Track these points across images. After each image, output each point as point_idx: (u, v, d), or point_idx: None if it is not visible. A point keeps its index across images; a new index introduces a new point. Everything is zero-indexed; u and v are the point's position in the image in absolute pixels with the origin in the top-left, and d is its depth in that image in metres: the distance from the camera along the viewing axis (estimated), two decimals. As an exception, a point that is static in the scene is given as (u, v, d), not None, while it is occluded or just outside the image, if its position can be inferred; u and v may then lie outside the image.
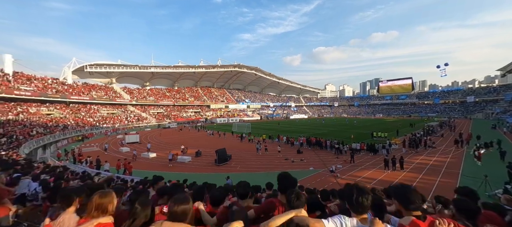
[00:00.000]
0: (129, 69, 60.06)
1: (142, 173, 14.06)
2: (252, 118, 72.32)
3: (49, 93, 38.88)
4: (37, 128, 27.88)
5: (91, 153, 21.04)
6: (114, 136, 34.75)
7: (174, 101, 65.87)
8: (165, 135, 36.64)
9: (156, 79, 70.96)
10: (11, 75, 36.64)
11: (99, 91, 51.03)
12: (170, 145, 26.05)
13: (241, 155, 20.59)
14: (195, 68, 72.05)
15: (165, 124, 51.99)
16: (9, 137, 20.93)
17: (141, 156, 20.58)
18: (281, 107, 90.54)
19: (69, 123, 35.96)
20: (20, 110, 31.94)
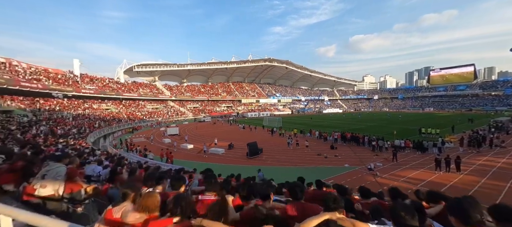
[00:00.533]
0: (169, 68, 65.49)
1: (181, 162, 15.38)
2: (283, 112, 71.60)
3: (107, 92, 45.27)
4: (99, 121, 32.88)
5: (139, 143, 23.91)
6: (157, 128, 38.71)
7: (208, 97, 69.55)
8: (200, 128, 39.14)
9: (192, 76, 75.75)
10: (78, 77, 43.79)
11: (145, 89, 57.17)
12: (205, 137, 27.74)
13: (272, 149, 20.69)
14: (227, 64, 74.34)
15: (200, 117, 55.49)
16: (79, 128, 25.26)
17: (180, 146, 22.46)
18: (313, 101, 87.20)
19: (123, 116, 41.39)
20: (86, 106, 38.10)
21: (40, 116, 24.93)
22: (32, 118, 22.86)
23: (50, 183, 2.56)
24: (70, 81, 39.56)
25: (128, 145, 23.11)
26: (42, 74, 35.48)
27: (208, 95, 70.51)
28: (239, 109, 69.09)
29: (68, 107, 33.81)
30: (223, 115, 61.27)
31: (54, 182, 2.59)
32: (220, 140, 24.04)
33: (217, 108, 67.24)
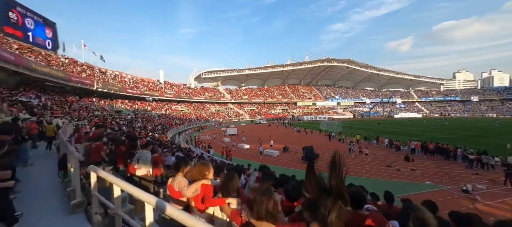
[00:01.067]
0: (230, 73, 71.63)
1: (239, 160, 16.40)
2: (343, 116, 65.57)
3: (181, 96, 53.86)
4: (176, 120, 39.45)
5: (205, 141, 27.12)
6: (219, 128, 42.93)
7: (264, 99, 71.80)
8: (256, 129, 40.75)
9: (250, 80, 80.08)
10: (163, 84, 54.01)
11: (210, 93, 64.66)
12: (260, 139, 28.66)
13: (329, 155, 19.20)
14: (283, 67, 74.66)
15: (256, 120, 57.85)
16: (162, 125, 31.15)
17: (238, 146, 24.06)
18: (382, 104, 75.65)
19: (192, 117, 48.17)
20: (167, 108, 46.52)
21: (138, 115, 32.16)
22: (133, 116, 29.76)
23: (143, 165, 3.26)
24: (157, 87, 49.37)
25: (196, 141, 26.67)
26: (140, 83, 45.78)
27: (264, 98, 72.74)
28: (294, 112, 67.99)
29: (155, 108, 42.22)
30: (278, 118, 61.74)
31: (146, 165, 3.27)
32: (275, 142, 24.29)
33: (273, 111, 68.40)
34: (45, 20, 28.81)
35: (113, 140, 5.44)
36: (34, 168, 5.23)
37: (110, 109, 28.91)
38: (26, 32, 25.79)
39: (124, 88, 37.02)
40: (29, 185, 3.96)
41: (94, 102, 27.97)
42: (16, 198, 3.17)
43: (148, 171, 3.24)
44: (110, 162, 3.99)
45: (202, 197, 2.04)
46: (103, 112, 24.67)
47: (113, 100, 34.20)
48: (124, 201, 3.12)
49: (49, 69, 21.32)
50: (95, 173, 2.31)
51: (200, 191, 2.07)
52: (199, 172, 2.17)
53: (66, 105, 20.11)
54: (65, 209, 3.00)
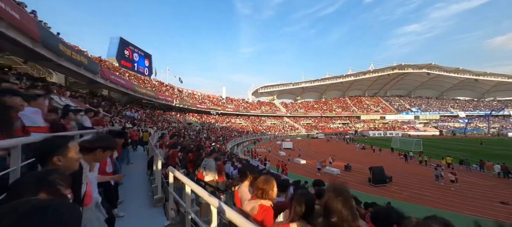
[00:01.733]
0: (285, 87, 72.18)
1: (295, 176, 15.79)
2: (424, 133, 53.63)
3: (240, 110, 57.95)
4: (235, 132, 42.48)
5: (261, 153, 27.75)
6: (274, 142, 43.14)
7: (321, 113, 67.97)
8: (313, 144, 38.56)
9: (306, 93, 78.06)
10: (224, 99, 59.91)
11: (266, 106, 66.78)
12: (318, 154, 26.87)
13: (406, 179, 15.89)
14: (343, 78, 69.30)
15: (313, 134, 55.00)
16: (223, 136, 34.15)
17: (294, 161, 23.30)
18: (485, 118, 57.63)
19: (249, 129, 50.65)
20: (228, 121, 50.92)
21: (204, 127, 36.55)
22: (200, 128, 34.03)
23: (210, 172, 3.59)
24: (220, 103, 55.15)
25: (252, 153, 27.64)
26: (206, 99, 52.42)
27: (322, 111, 68.87)
28: (357, 127, 60.85)
29: (218, 121, 46.98)
30: (338, 132, 56.64)
31: (212, 172, 3.59)
32: (335, 159, 22.21)
33: (331, 125, 63.54)
34: (145, 53, 37.85)
35: (184, 148, 6.32)
36: (133, 166, 6.66)
37: (184, 122, 34.14)
38: (133, 64, 34.53)
39: (195, 104, 43.19)
40: (128, 179, 5.05)
41: (173, 116, 33.80)
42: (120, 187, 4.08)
43: (214, 177, 3.54)
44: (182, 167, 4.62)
45: (261, 221, 1.85)
46: (178, 124, 29.38)
47: (186, 114, 40.35)
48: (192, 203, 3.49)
49: (145, 90, 27.48)
50: (172, 173, 2.70)
51: (258, 211, 1.88)
52: (262, 190, 1.94)
53: (154, 117, 25.15)
54: (149, 202, 3.63)
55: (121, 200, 3.48)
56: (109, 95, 23.39)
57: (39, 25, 10.53)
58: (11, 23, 8.59)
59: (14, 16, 8.59)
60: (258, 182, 2.02)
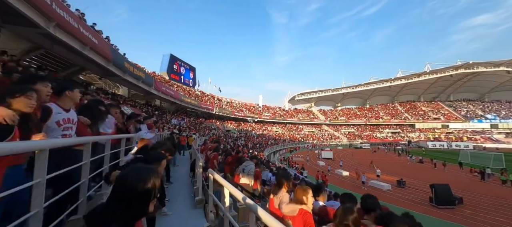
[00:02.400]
0: (323, 94, 68.86)
1: (336, 188, 14.61)
2: (508, 145, 43.02)
3: (276, 117, 57.74)
4: (271, 140, 42.37)
5: (298, 162, 26.79)
6: (312, 151, 41.15)
7: (365, 121, 62.00)
8: (357, 155, 35.22)
9: (347, 100, 72.78)
10: (261, 107, 60.76)
11: (303, 114, 64.80)
12: (362, 166, 24.37)
13: (484, 203, 12.86)
14: (391, 82, 62.20)
15: (356, 143, 50.41)
16: (260, 144, 34.43)
17: (335, 172, 21.66)
18: None
19: (286, 137, 49.78)
20: (264, 128, 51.28)
21: (241, 134, 37.62)
22: (238, 135, 35.16)
23: (247, 176, 3.59)
24: (256, 110, 56.19)
25: (289, 162, 26.92)
26: (243, 107, 54.17)
27: (366, 119, 62.82)
28: (411, 137, 53.08)
29: (254, 128, 47.77)
30: (387, 142, 50.44)
31: (249, 176, 3.59)
32: (384, 173, 19.74)
33: (378, 134, 57.14)
34: (190, 66, 41.88)
35: (223, 151, 6.56)
36: (179, 168, 7.26)
37: (223, 129, 35.90)
38: (181, 76, 38.53)
39: (233, 112, 45.09)
40: (174, 180, 5.50)
41: (213, 123, 35.98)
42: (167, 187, 4.46)
43: (250, 182, 3.53)
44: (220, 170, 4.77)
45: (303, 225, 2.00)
46: (218, 131, 31.03)
47: (225, 122, 42.39)
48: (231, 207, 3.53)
49: (190, 100, 30.16)
50: (212, 176, 2.80)
51: (298, 215, 2.04)
52: (300, 197, 2.12)
53: (197, 125, 27.23)
54: (191, 203, 3.84)
55: (167, 198, 3.79)
56: (160, 105, 26.50)
57: (111, 47, 12.82)
58: (92, 48, 10.69)
59: (94, 42, 10.68)
60: (297, 190, 2.20)
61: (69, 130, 1.90)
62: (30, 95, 1.42)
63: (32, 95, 1.43)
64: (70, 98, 2.01)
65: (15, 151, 1.05)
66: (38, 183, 1.17)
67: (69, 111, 1.96)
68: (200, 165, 3.99)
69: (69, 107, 1.99)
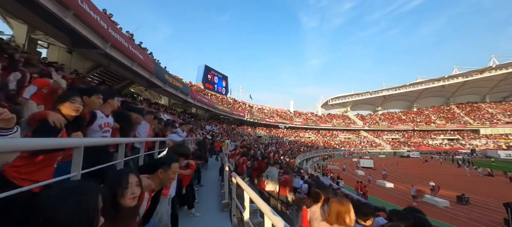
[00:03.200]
0: (361, 97, 63.84)
1: (378, 201, 13.11)
2: None
3: (309, 123, 55.73)
4: (303, 147, 40.92)
5: (333, 170, 25.11)
6: (350, 159, 38.13)
7: (413, 126, 54.84)
8: (404, 164, 31.19)
9: (389, 103, 65.95)
10: (292, 113, 59.58)
11: (338, 119, 61.04)
12: (411, 178, 21.43)
13: None
14: (444, 81, 54.04)
15: (402, 151, 44.82)
16: (291, 150, 33.56)
17: (376, 183, 19.55)
18: None
19: (319, 144, 47.44)
20: (296, 135, 49.96)
21: (272, 140, 37.37)
22: (269, 141, 35.02)
23: (271, 182, 3.48)
24: (287, 116, 55.30)
25: (323, 170, 25.44)
26: (274, 113, 53.96)
27: (414, 123, 55.57)
28: (474, 144, 44.64)
29: (286, 135, 46.93)
30: (443, 151, 43.45)
31: (274, 182, 3.47)
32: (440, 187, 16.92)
33: (430, 141, 49.79)
34: (222, 75, 44.02)
35: (252, 156, 6.57)
36: (211, 172, 7.54)
37: (254, 135, 36.28)
38: (214, 85, 40.76)
39: (264, 118, 45.31)
40: (205, 183, 5.71)
41: (244, 129, 36.71)
42: (197, 190, 4.64)
43: (275, 188, 3.40)
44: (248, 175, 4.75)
45: None
46: (249, 137, 31.48)
47: (256, 128, 42.82)
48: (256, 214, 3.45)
49: (222, 107, 31.51)
50: (235, 179, 2.79)
51: None
52: (336, 214, 1.76)
53: (229, 131, 28.16)
54: (219, 206, 3.89)
55: (196, 201, 3.93)
56: (196, 112, 28.36)
57: (154, 62, 14.38)
58: (139, 63, 12.17)
59: (140, 58, 12.15)
60: (332, 204, 1.82)
61: (107, 133, 2.14)
62: (74, 100, 1.64)
63: (76, 99, 1.65)
64: (110, 106, 2.28)
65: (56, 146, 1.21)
66: (74, 177, 1.32)
67: (108, 117, 2.22)
68: (226, 169, 4.04)
69: (108, 113, 2.25)
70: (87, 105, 1.98)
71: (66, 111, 1.65)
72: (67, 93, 1.72)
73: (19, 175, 1.29)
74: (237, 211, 3.00)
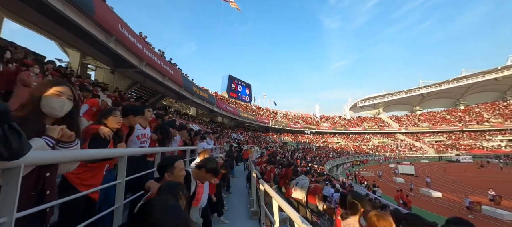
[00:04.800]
0: (394, 97, 58.84)
1: (423, 213, 11.70)
2: None
3: (336, 127, 53.08)
4: (332, 152, 38.95)
5: (367, 177, 23.29)
6: (386, 165, 34.97)
7: (461, 126, 48.25)
8: (452, 170, 27.43)
9: (428, 101, 59.45)
10: (318, 118, 57.53)
11: (369, 122, 56.96)
12: (463, 186, 18.71)
13: None
14: (497, 72, 46.84)
15: (449, 156, 39.56)
16: (319, 157, 32.20)
17: (419, 191, 17.51)
18: None
19: (350, 149, 44.65)
20: (323, 140, 47.91)
21: (299, 146, 36.41)
22: (295, 147, 34.19)
23: (299, 190, 3.38)
24: (313, 121, 53.55)
25: (356, 177, 23.75)
26: (299, 118, 52.76)
27: (462, 123, 48.91)
28: (547, 146, 37.21)
29: (312, 140, 45.35)
30: (503, 154, 37.14)
31: (301, 191, 3.36)
32: (503, 196, 14.43)
33: (484, 143, 43.06)
34: (246, 84, 44.97)
35: (279, 164, 6.48)
36: (237, 179, 7.65)
37: (280, 142, 35.84)
38: (238, 94, 41.82)
39: (289, 124, 44.61)
40: (233, 191, 5.80)
41: (269, 136, 36.56)
42: (226, 197, 4.73)
43: (303, 197, 3.30)
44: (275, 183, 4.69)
45: None
46: (275, 144, 31.20)
47: (282, 134, 42.29)
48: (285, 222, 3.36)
49: (247, 115, 32.00)
50: (262, 187, 2.78)
51: None
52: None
53: (254, 138, 28.34)
54: (247, 214, 3.90)
55: (226, 207, 4.00)
56: (222, 121, 29.28)
57: (182, 75, 15.41)
58: (170, 78, 13.18)
59: (171, 73, 13.16)
60: (374, 219, 1.64)
61: (144, 143, 2.36)
62: (116, 114, 1.85)
63: (117, 113, 1.86)
64: (145, 119, 2.51)
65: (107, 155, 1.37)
66: (120, 183, 1.47)
67: (145, 128, 2.44)
68: (253, 176, 4.06)
69: (145, 126, 2.48)
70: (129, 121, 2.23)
71: (111, 124, 1.87)
72: (109, 109, 1.95)
73: (80, 181, 1.49)
74: (266, 219, 2.97)
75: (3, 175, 0.70)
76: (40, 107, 1.04)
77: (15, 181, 0.70)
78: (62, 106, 1.08)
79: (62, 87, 1.10)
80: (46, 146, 0.96)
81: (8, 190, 0.70)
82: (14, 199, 0.70)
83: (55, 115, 1.08)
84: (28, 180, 0.87)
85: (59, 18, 7.23)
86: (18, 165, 0.69)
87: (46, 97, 1.05)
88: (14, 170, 0.70)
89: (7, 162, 0.64)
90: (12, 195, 0.70)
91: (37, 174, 0.96)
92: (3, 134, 0.60)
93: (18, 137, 0.64)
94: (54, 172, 1.09)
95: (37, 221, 1.00)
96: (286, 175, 4.59)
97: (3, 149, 0.60)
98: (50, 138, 1.00)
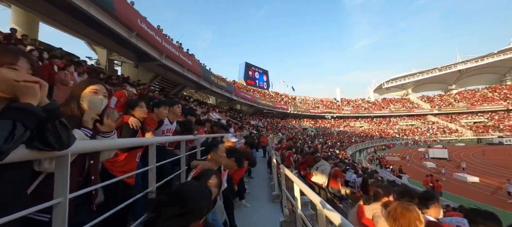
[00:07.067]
0: (426, 76, 53.84)
1: (456, 198, 11.01)
2: None
3: (360, 111, 50.69)
4: (354, 137, 37.60)
5: (393, 162, 22.23)
6: (415, 148, 32.92)
7: (506, 105, 42.87)
8: (493, 153, 24.92)
9: (466, 79, 53.39)
10: (339, 101, 55.28)
11: (396, 104, 53.31)
12: (505, 170, 16.97)
13: None
14: (559, 40, 39.79)
15: (491, 138, 35.82)
16: (341, 142, 31.36)
17: (453, 176, 16.33)
18: None
19: (374, 133, 42.65)
20: (345, 124, 46.28)
21: (319, 131, 35.73)
22: (315, 133, 33.64)
23: (320, 174, 3.37)
24: (334, 106, 51.69)
25: (381, 162, 22.83)
26: (319, 103, 51.25)
27: (508, 102, 43.39)
28: None
29: (333, 125, 44.09)
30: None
31: (322, 175, 3.35)
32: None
33: (536, 122, 37.98)
34: (263, 70, 44.45)
35: (298, 150, 6.47)
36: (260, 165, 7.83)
37: (299, 127, 35.48)
38: (255, 80, 41.64)
39: (308, 109, 43.69)
40: (255, 176, 5.98)
41: (289, 122, 36.33)
42: (248, 182, 4.91)
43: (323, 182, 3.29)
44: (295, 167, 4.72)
45: None
46: (294, 130, 30.98)
47: (301, 120, 41.72)
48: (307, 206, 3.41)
49: (265, 102, 31.95)
50: (283, 171, 2.82)
51: None
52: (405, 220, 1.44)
53: (273, 125, 28.41)
54: (269, 197, 4.02)
55: (247, 191, 4.16)
56: (241, 108, 29.67)
57: (201, 65, 15.72)
58: (189, 68, 13.54)
59: (189, 63, 13.49)
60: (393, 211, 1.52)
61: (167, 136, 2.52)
62: (142, 105, 1.98)
63: (142, 104, 1.99)
64: (174, 114, 2.67)
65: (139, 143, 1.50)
66: (151, 169, 1.60)
67: (172, 124, 2.60)
68: (274, 161, 4.12)
69: (173, 121, 2.64)
70: (156, 115, 2.39)
71: (138, 115, 2.01)
72: (135, 100, 2.09)
73: (115, 168, 1.66)
74: (288, 203, 3.04)
75: (56, 162, 0.82)
76: (80, 104, 1.16)
77: (65, 167, 0.82)
78: (101, 104, 1.22)
79: (98, 86, 1.22)
80: (85, 136, 1.09)
81: (60, 175, 0.82)
82: (66, 183, 0.82)
83: (96, 111, 1.21)
84: (75, 167, 0.99)
85: (85, 18, 7.73)
86: (66, 153, 0.80)
87: (85, 95, 1.17)
88: (64, 157, 0.81)
89: (58, 152, 0.74)
90: (63, 179, 0.82)
91: (82, 162, 1.09)
92: (55, 128, 0.69)
93: (65, 130, 0.74)
94: (97, 159, 1.23)
95: (86, 202, 1.15)
96: (306, 161, 4.59)
97: (54, 141, 0.69)
98: (87, 129, 1.13)
